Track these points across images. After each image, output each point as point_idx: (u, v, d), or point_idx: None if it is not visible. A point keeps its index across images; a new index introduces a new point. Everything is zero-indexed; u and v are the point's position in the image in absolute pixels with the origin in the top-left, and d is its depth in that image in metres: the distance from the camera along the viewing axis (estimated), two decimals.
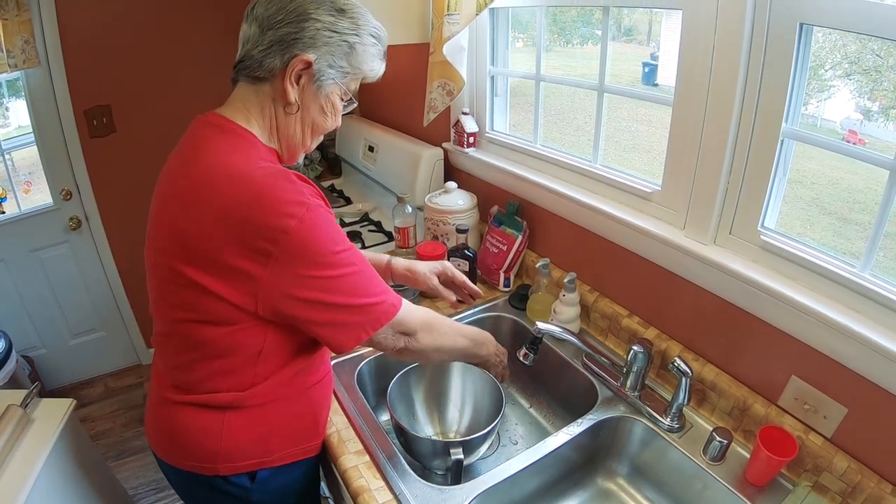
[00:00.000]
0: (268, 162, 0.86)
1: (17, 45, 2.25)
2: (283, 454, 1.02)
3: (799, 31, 0.89)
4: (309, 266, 0.82)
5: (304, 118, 0.92)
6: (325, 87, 0.89)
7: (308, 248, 0.81)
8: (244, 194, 0.79)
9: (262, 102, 0.90)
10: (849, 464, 0.90)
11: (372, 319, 0.91)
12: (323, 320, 0.87)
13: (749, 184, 1.02)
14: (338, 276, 0.85)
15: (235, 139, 0.88)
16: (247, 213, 0.78)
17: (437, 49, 1.49)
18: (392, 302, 0.93)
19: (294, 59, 0.85)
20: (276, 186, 0.80)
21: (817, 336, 0.94)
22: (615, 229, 1.28)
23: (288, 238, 0.79)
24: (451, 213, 1.60)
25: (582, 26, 1.63)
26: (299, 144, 0.95)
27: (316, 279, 0.83)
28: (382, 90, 2.32)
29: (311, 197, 0.83)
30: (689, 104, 1.07)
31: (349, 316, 0.88)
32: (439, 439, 1.22)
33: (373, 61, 0.93)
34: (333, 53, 0.87)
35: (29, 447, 1.29)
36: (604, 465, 1.19)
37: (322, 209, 0.83)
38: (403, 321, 0.95)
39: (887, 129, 0.94)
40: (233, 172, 0.82)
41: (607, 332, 1.36)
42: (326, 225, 0.83)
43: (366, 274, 0.89)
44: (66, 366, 2.86)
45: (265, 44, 0.85)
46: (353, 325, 0.89)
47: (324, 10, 0.85)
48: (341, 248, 0.85)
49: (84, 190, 2.61)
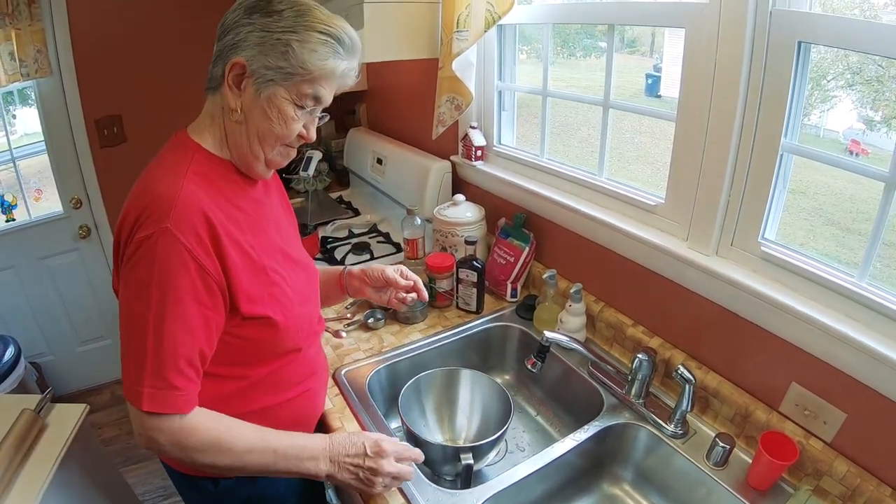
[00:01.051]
0: (189, 180, 0.83)
1: (29, 54, 2.29)
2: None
3: (797, 49, 0.93)
4: (127, 273, 0.81)
5: (249, 125, 0.88)
6: (264, 89, 0.85)
7: (135, 261, 0.79)
8: (133, 207, 0.81)
9: (213, 112, 0.91)
10: (848, 468, 0.93)
11: (126, 387, 0.81)
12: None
13: (750, 197, 1.06)
14: (131, 312, 0.80)
15: (174, 152, 0.90)
16: (131, 224, 0.80)
17: (446, 64, 1.53)
18: (143, 394, 0.78)
19: (229, 62, 0.84)
20: (154, 203, 0.80)
21: (816, 344, 0.97)
22: (620, 241, 1.31)
23: (134, 249, 0.79)
24: (459, 225, 1.63)
25: (585, 38, 1.65)
26: (248, 153, 0.91)
27: (123, 297, 0.82)
28: (391, 104, 2.36)
29: (172, 224, 0.78)
30: (691, 120, 1.11)
31: (122, 359, 0.82)
32: (450, 445, 1.24)
33: (322, 59, 0.85)
34: (267, 54, 0.83)
35: (43, 451, 1.31)
36: (609, 471, 1.22)
37: (172, 238, 0.78)
38: (146, 425, 0.81)
39: (890, 138, 0.96)
40: (142, 189, 0.84)
41: (612, 341, 1.39)
42: (163, 255, 0.78)
43: (150, 337, 0.78)
44: (74, 372, 2.88)
45: (214, 55, 0.88)
46: (123, 376, 0.82)
47: (260, 14, 0.84)
48: (154, 287, 0.78)
49: (94, 199, 2.65)
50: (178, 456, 0.85)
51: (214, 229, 0.83)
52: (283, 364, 1.00)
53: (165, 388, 0.80)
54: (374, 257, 1.92)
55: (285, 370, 1.01)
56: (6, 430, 1.26)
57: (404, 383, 1.22)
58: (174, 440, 0.83)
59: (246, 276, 0.88)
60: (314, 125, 0.94)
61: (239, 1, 0.86)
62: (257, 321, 0.91)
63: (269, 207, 1.02)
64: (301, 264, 1.07)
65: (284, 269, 0.98)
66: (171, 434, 0.82)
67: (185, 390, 0.82)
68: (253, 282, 0.90)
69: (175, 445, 0.83)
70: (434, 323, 1.53)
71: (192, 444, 0.84)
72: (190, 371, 0.83)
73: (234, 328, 0.89)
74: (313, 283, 1.12)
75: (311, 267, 1.13)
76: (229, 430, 0.87)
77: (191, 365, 0.83)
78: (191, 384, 0.83)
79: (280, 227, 1.04)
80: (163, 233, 0.78)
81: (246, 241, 0.90)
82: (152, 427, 0.81)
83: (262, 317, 0.91)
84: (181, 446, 0.83)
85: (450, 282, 1.56)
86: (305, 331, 1.03)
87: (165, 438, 0.82)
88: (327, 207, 2.39)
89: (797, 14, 0.91)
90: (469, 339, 1.49)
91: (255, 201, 0.98)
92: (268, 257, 0.94)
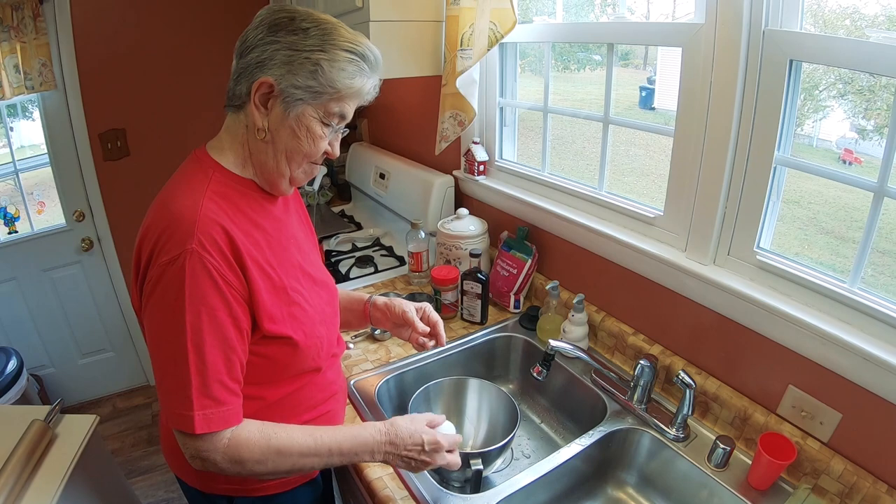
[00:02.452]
0: (208, 199, 0.84)
1: (34, 67, 2.32)
2: (262, 486, 1.02)
3: (789, 67, 0.97)
4: (155, 300, 0.80)
5: (277, 144, 0.88)
6: (293, 109, 0.85)
7: (162, 286, 0.79)
8: (153, 228, 0.81)
9: (236, 131, 0.90)
10: (845, 466, 0.97)
11: (165, 407, 0.82)
12: (152, 363, 0.84)
13: (745, 208, 1.10)
14: (165, 338, 0.80)
15: (194, 171, 0.89)
16: (152, 245, 0.80)
17: (449, 81, 1.57)
18: (195, 419, 0.78)
19: (255, 82, 0.83)
20: (175, 224, 0.80)
21: (811, 347, 1.01)
22: (621, 252, 1.35)
23: (158, 273, 0.79)
24: (462, 239, 1.67)
25: (579, 51, 1.69)
26: (275, 172, 0.91)
27: (150, 315, 0.82)
28: (394, 119, 2.40)
29: (196, 244, 0.78)
30: (689, 135, 1.15)
31: (155, 375, 0.83)
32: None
33: (350, 78, 0.86)
34: (296, 73, 0.83)
35: (54, 462, 1.31)
36: (613, 475, 1.25)
37: (198, 259, 0.78)
38: (198, 446, 0.81)
39: (882, 147, 0.97)
40: (160, 208, 0.84)
41: (614, 349, 1.42)
42: (191, 274, 0.78)
43: (191, 358, 0.78)
44: (75, 385, 2.88)
45: (237, 73, 0.87)
46: (158, 390, 0.83)
47: (285, 32, 0.83)
48: (188, 308, 0.78)
49: (97, 212, 2.68)
50: (236, 471, 0.84)
51: (237, 247, 0.83)
52: (301, 385, 1.00)
53: (214, 406, 0.80)
54: (377, 270, 1.95)
55: (304, 391, 1.00)
56: (16, 441, 1.26)
57: (412, 393, 1.25)
58: (229, 456, 0.82)
59: (267, 296, 0.88)
60: (338, 141, 0.95)
61: (260, 19, 0.86)
62: (277, 340, 0.91)
63: (289, 226, 1.01)
64: (321, 283, 1.06)
65: (305, 289, 0.98)
66: (225, 451, 0.82)
67: (233, 404, 0.83)
68: (274, 301, 0.89)
69: (231, 461, 0.83)
70: None
71: (247, 457, 0.83)
72: (234, 385, 0.83)
73: (254, 345, 0.89)
74: (333, 301, 1.10)
75: (330, 285, 1.11)
76: (278, 436, 0.86)
77: (233, 378, 0.83)
78: (236, 397, 0.84)
79: (300, 246, 1.03)
80: (189, 254, 0.78)
81: (266, 260, 0.89)
82: (206, 448, 0.81)
83: (283, 336, 0.91)
84: (237, 460, 0.83)
85: (454, 294, 1.59)
86: (326, 351, 1.02)
87: (221, 457, 0.82)
88: (330, 221, 2.43)
89: (789, 34, 0.96)
90: (474, 349, 1.52)
91: (276, 219, 0.97)
92: (288, 277, 0.94)
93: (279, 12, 0.85)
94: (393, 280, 1.87)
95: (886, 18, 0.94)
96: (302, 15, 0.85)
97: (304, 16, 0.85)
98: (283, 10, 0.85)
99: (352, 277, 1.91)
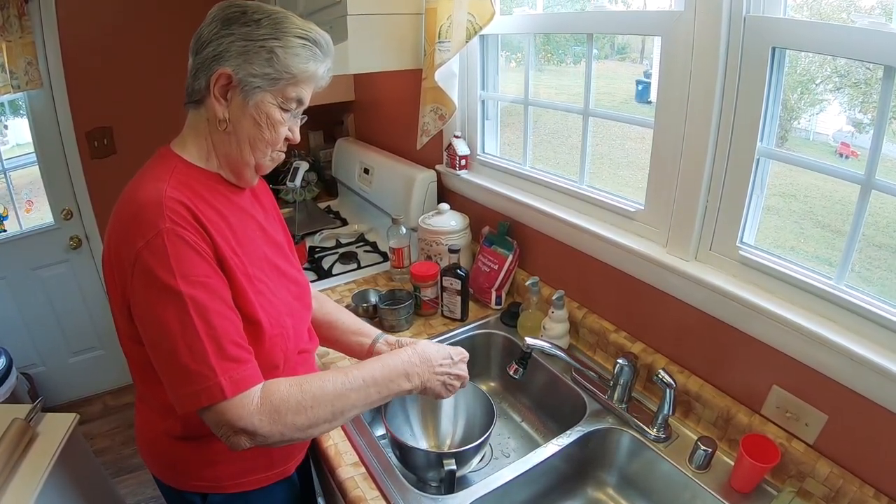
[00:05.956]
0: (171, 186, 0.84)
1: (20, 66, 2.30)
2: (236, 483, 1.02)
3: (771, 55, 0.94)
4: (143, 288, 0.80)
5: (239, 134, 0.90)
6: (252, 97, 0.87)
7: (147, 271, 0.78)
8: (121, 220, 0.83)
9: (198, 126, 0.92)
10: (831, 469, 0.94)
11: (184, 394, 0.79)
12: (153, 358, 0.83)
13: (727, 202, 1.07)
14: (164, 319, 0.78)
15: (157, 165, 0.90)
16: (122, 236, 0.81)
17: (429, 75, 1.54)
18: (221, 384, 0.78)
19: (214, 74, 0.85)
20: (142, 210, 0.80)
21: (796, 346, 0.97)
22: (601, 248, 1.32)
23: (138, 260, 0.79)
24: (443, 234, 1.64)
25: (574, 44, 1.66)
26: (239, 161, 0.93)
27: (144, 304, 0.80)
28: (379, 114, 2.38)
29: (169, 222, 0.79)
30: (668, 127, 1.12)
31: (163, 367, 0.81)
32: (433, 451, 1.24)
33: (305, 62, 0.88)
34: (252, 62, 0.85)
35: (34, 460, 1.32)
36: (593, 476, 1.22)
37: (175, 235, 0.79)
38: (231, 415, 0.79)
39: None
40: (126, 200, 0.85)
41: (595, 346, 1.39)
42: (174, 250, 0.78)
43: (199, 326, 0.78)
44: (65, 383, 2.87)
45: (193, 69, 0.89)
46: (168, 384, 0.81)
47: (238, 25, 0.85)
48: (180, 281, 0.78)
49: (84, 210, 2.66)
50: (278, 431, 0.81)
51: (203, 223, 0.84)
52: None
53: (235, 366, 0.80)
54: (360, 267, 1.93)
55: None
56: None
57: None
58: (266, 412, 0.80)
59: (239, 274, 0.89)
60: (297, 126, 0.97)
61: (213, 15, 0.88)
62: (245, 323, 0.88)
63: (255, 218, 1.02)
64: (291, 278, 1.06)
65: (270, 279, 0.97)
66: (259, 410, 0.80)
67: (252, 362, 0.84)
68: (241, 282, 0.89)
69: (269, 418, 0.81)
70: (419, 331, 1.53)
71: (283, 408, 0.82)
72: (244, 343, 0.84)
73: None
74: (304, 297, 1.09)
75: (301, 281, 1.10)
76: (309, 382, 0.87)
77: (242, 338, 0.84)
78: (251, 355, 0.84)
79: (270, 239, 1.04)
80: (166, 232, 0.78)
81: (230, 246, 0.89)
82: (240, 415, 0.79)
83: (250, 317, 0.89)
84: (275, 414, 0.81)
85: (434, 290, 1.56)
86: (293, 343, 1.01)
87: (258, 418, 0.80)
88: (315, 217, 2.40)
89: (771, 20, 0.93)
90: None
91: (241, 210, 0.97)
92: (252, 266, 0.93)
93: (230, 7, 0.87)
94: (375, 276, 1.85)
95: (882, 11, 0.91)
96: (253, 8, 0.87)
97: (255, 8, 0.87)
98: (234, 5, 0.88)
99: (334, 273, 1.90)
